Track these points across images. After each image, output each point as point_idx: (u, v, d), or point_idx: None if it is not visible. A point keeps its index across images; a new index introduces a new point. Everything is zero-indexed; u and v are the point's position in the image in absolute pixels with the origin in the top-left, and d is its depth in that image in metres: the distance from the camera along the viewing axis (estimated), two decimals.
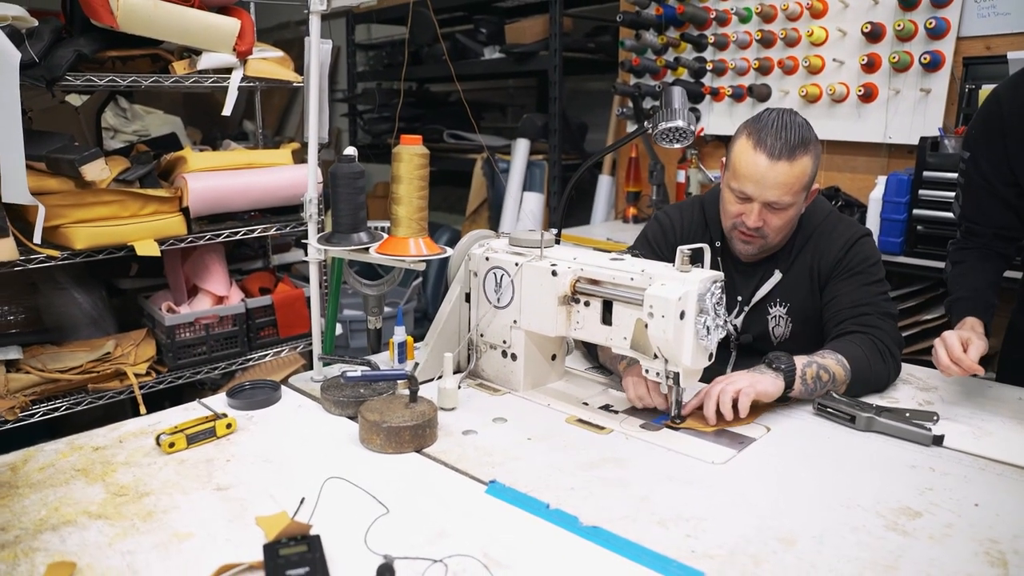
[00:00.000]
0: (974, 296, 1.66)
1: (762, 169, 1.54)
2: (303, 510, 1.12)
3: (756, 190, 1.57)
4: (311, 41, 1.47)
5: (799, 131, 1.55)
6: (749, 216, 1.61)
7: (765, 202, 1.58)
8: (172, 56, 2.48)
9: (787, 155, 1.53)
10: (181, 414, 1.46)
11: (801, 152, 1.54)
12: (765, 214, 1.60)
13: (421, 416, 1.31)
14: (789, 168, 1.54)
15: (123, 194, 2.37)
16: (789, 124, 1.55)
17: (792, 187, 1.56)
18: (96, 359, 2.50)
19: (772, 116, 1.58)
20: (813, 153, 1.57)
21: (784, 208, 1.59)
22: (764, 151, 1.54)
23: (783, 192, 1.56)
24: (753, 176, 1.56)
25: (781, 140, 1.53)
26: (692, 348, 1.31)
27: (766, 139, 1.55)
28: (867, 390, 1.59)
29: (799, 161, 1.54)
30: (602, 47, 3.85)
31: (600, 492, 1.17)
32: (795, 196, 1.58)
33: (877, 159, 2.98)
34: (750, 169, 1.56)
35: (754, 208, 1.60)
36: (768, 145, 1.54)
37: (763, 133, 1.56)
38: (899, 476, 1.24)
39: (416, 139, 1.36)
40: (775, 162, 1.54)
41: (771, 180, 1.55)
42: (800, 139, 1.54)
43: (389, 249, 1.38)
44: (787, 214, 1.61)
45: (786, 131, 1.54)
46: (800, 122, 1.58)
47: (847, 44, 2.92)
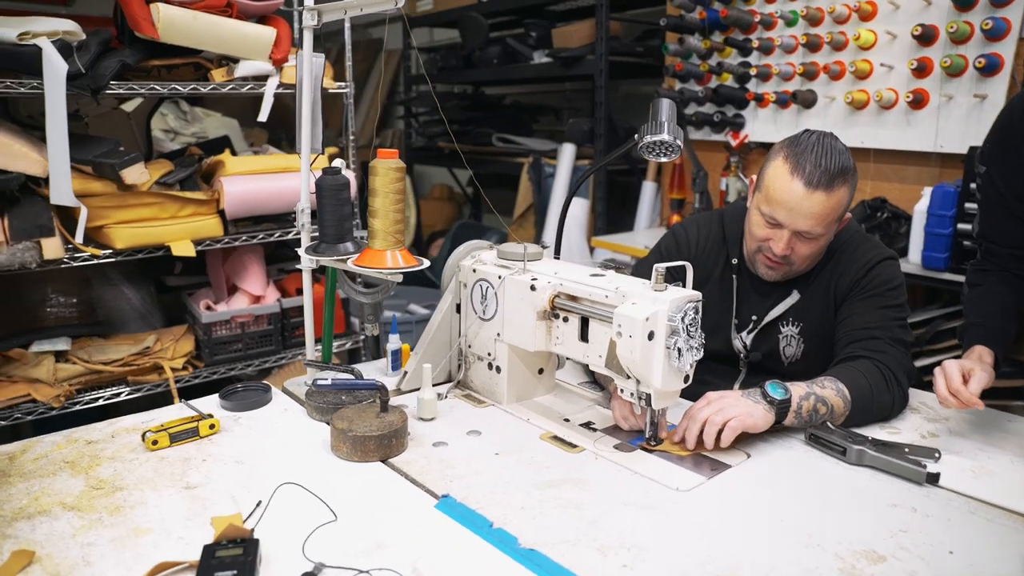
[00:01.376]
0: (985, 323, 1.56)
1: (797, 197, 1.47)
2: (256, 513, 1.15)
3: (788, 218, 1.50)
4: (303, 54, 1.50)
5: (839, 159, 1.47)
6: (777, 243, 1.54)
7: (796, 231, 1.51)
8: (212, 64, 2.58)
9: (825, 185, 1.46)
10: (175, 412, 1.52)
11: (840, 182, 1.47)
12: (794, 242, 1.54)
13: (388, 426, 1.33)
14: (826, 199, 1.47)
15: (162, 196, 2.48)
16: (830, 151, 1.47)
17: (826, 218, 1.49)
18: (137, 352, 2.63)
19: (812, 140, 1.50)
20: (851, 183, 1.50)
21: (815, 238, 1.53)
22: (801, 178, 1.47)
23: (816, 223, 1.49)
24: (787, 203, 1.49)
25: (820, 168, 1.45)
26: (663, 370, 1.28)
27: (804, 165, 1.47)
28: (869, 420, 1.51)
29: (836, 192, 1.47)
30: (651, 51, 3.80)
31: (550, 513, 1.16)
32: (827, 227, 1.51)
33: (927, 169, 2.84)
34: (784, 195, 1.49)
35: (783, 235, 1.53)
36: (806, 172, 1.46)
37: (801, 158, 1.48)
38: (875, 515, 1.18)
39: (392, 153, 1.38)
40: (812, 191, 1.46)
41: (806, 210, 1.48)
42: (840, 168, 1.47)
43: (366, 261, 1.40)
44: (817, 244, 1.55)
45: (826, 158, 1.46)
46: (840, 148, 1.50)
47: (896, 48, 2.79)
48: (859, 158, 3.02)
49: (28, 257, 2.21)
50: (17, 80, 2.19)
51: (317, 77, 1.55)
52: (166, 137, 3.97)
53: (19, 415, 2.32)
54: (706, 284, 1.72)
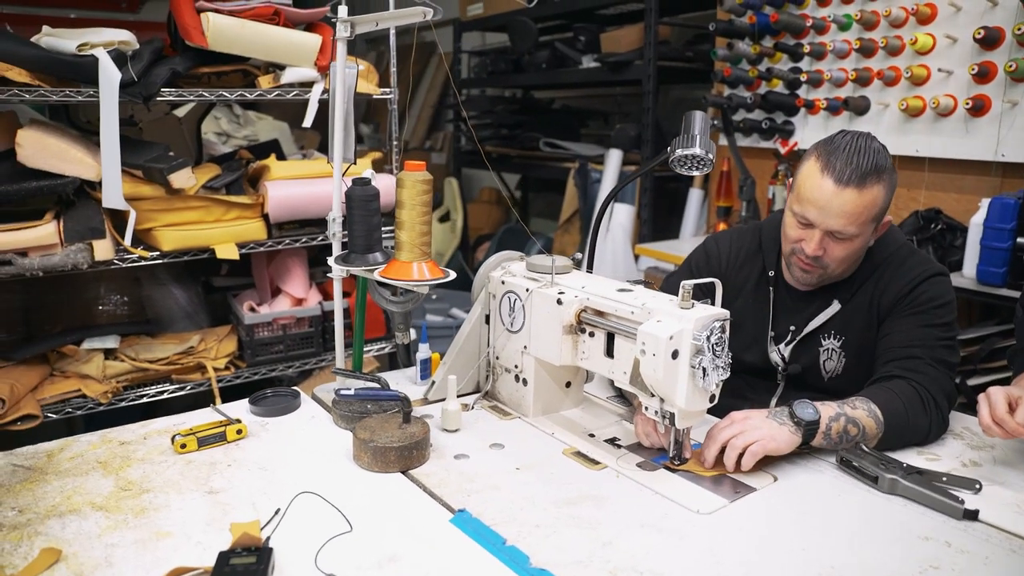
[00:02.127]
0: None
1: (828, 195, 1.44)
2: (274, 521, 1.16)
3: (819, 216, 1.47)
4: (336, 66, 1.52)
5: (873, 157, 1.44)
6: (809, 243, 1.51)
7: (827, 230, 1.48)
8: (259, 71, 2.63)
9: (856, 182, 1.42)
10: (205, 416, 1.55)
11: (873, 180, 1.43)
12: (826, 243, 1.50)
13: (410, 438, 1.33)
14: (858, 196, 1.43)
15: (208, 200, 2.54)
16: (864, 149, 1.44)
17: (859, 217, 1.44)
18: (182, 352, 2.70)
19: (846, 139, 1.47)
20: (887, 182, 1.46)
21: (848, 239, 1.48)
22: (831, 175, 1.44)
23: (848, 222, 1.45)
24: (817, 201, 1.46)
25: (852, 165, 1.42)
26: (687, 389, 1.25)
27: (835, 163, 1.44)
28: (903, 443, 1.45)
29: (869, 190, 1.43)
30: (700, 56, 3.74)
31: (565, 532, 1.14)
32: (861, 227, 1.46)
33: (987, 179, 2.72)
34: (814, 193, 1.46)
35: (815, 235, 1.49)
36: (837, 169, 1.43)
37: (833, 156, 1.45)
38: (904, 548, 1.13)
39: (419, 165, 1.38)
40: (842, 188, 1.43)
41: (836, 207, 1.44)
42: (873, 166, 1.43)
43: (392, 273, 1.41)
44: (851, 245, 1.50)
45: (859, 156, 1.43)
46: (876, 147, 1.46)
47: (956, 52, 2.68)
48: (913, 167, 2.92)
49: (80, 258, 2.29)
50: (75, 88, 2.27)
51: (350, 87, 1.56)
52: (219, 140, 4.07)
53: (70, 409, 2.40)
54: (738, 297, 1.69)
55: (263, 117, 4.21)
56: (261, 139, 3.98)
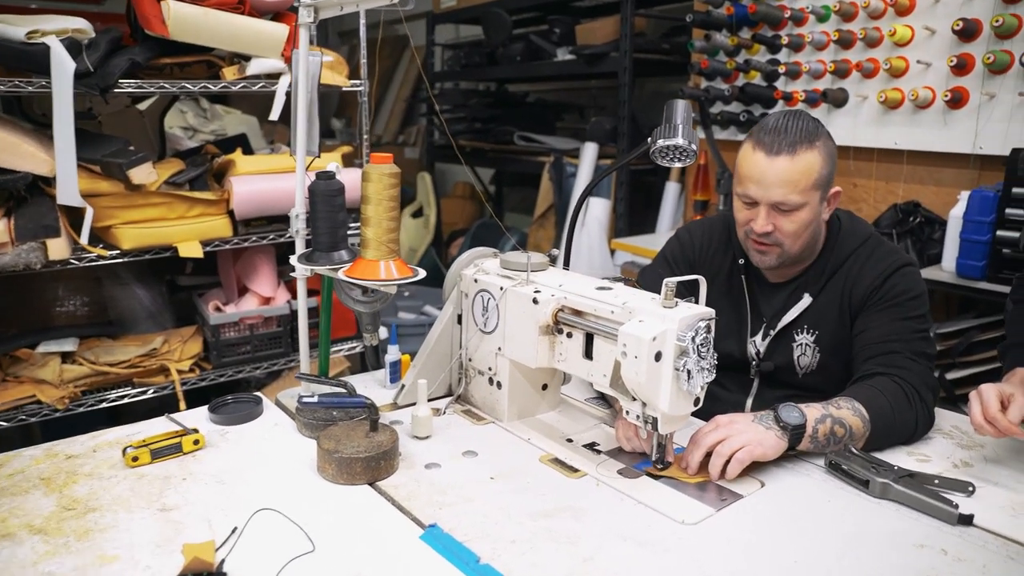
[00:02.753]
0: None
1: (762, 167, 1.45)
2: (230, 541, 1.08)
3: (759, 191, 1.46)
4: (299, 53, 1.43)
5: (803, 126, 1.46)
6: (757, 221, 1.49)
7: (771, 203, 1.47)
8: (223, 62, 2.53)
9: (787, 150, 1.44)
10: (160, 426, 1.46)
11: (804, 147, 1.44)
12: (774, 217, 1.48)
13: (377, 447, 1.25)
14: (791, 163, 1.43)
15: (171, 197, 2.44)
16: (791, 121, 1.46)
17: (797, 184, 1.44)
18: (144, 354, 2.59)
19: (775, 116, 1.50)
20: (821, 149, 1.45)
21: (794, 209, 1.46)
22: (763, 149, 1.45)
23: (788, 190, 1.44)
24: (753, 175, 1.46)
25: (780, 136, 1.44)
26: (671, 393, 1.19)
27: (764, 138, 1.46)
28: (891, 442, 1.41)
29: (802, 156, 1.43)
30: (677, 48, 3.68)
31: (542, 547, 1.07)
32: (803, 195, 1.45)
33: (966, 172, 2.70)
34: (750, 169, 1.47)
35: (761, 211, 1.48)
36: (766, 143, 1.45)
37: (762, 133, 1.47)
38: (899, 557, 1.07)
39: (387, 157, 1.30)
40: (774, 158, 1.44)
41: (772, 177, 1.44)
42: (803, 134, 1.44)
43: (358, 272, 1.33)
44: (799, 217, 1.47)
45: (787, 128, 1.45)
46: (806, 119, 1.47)
47: (935, 44, 2.65)
48: (892, 160, 2.89)
49: (33, 258, 2.17)
50: (26, 79, 2.15)
51: (313, 76, 1.48)
52: (184, 135, 3.95)
53: (24, 417, 2.29)
54: (712, 285, 1.64)
55: (231, 111, 4.09)
56: (229, 134, 3.86)
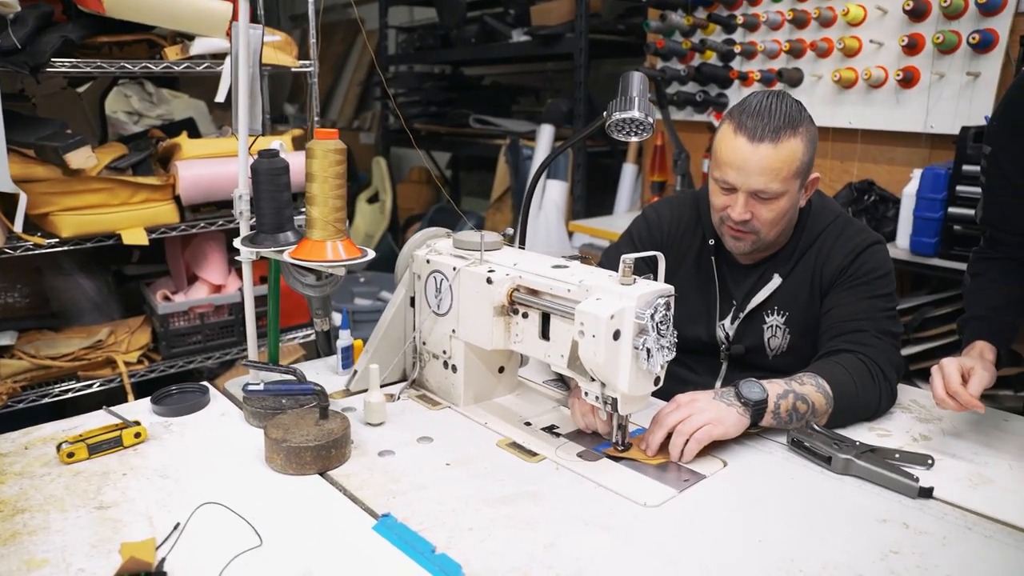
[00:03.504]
0: (988, 316, 1.44)
1: (743, 154, 1.39)
2: (172, 538, 1.03)
3: (739, 178, 1.41)
4: (239, 26, 1.37)
5: (786, 110, 1.39)
6: (735, 208, 1.44)
7: (750, 191, 1.42)
8: (165, 41, 2.42)
9: (771, 136, 1.37)
10: (101, 419, 1.39)
11: (788, 134, 1.38)
12: (752, 205, 1.43)
13: (328, 435, 1.20)
14: (774, 151, 1.37)
15: (112, 182, 2.34)
16: (775, 105, 1.39)
17: (779, 173, 1.39)
18: (89, 346, 2.49)
19: (757, 98, 1.43)
20: (804, 136, 1.40)
21: (773, 198, 1.42)
22: (745, 134, 1.39)
23: (769, 178, 1.39)
24: (734, 162, 1.40)
25: (764, 121, 1.38)
26: (630, 372, 1.16)
27: (747, 122, 1.39)
28: (854, 419, 1.40)
29: (785, 143, 1.38)
30: (633, 29, 3.66)
31: (501, 535, 1.04)
32: (784, 183, 1.40)
33: (917, 150, 2.72)
34: (731, 155, 1.41)
35: (740, 199, 1.43)
36: (749, 128, 1.38)
37: (744, 116, 1.40)
38: (864, 533, 1.06)
39: (331, 133, 1.25)
40: (757, 145, 1.38)
41: (754, 165, 1.38)
42: (786, 119, 1.38)
43: (304, 253, 1.27)
44: (778, 205, 1.43)
45: (770, 112, 1.38)
46: (790, 102, 1.41)
47: (887, 24, 2.66)
48: (846, 139, 2.90)
49: None
50: None
51: (255, 50, 1.41)
52: (129, 119, 3.80)
53: None
54: (681, 267, 1.61)
55: (179, 95, 3.94)
56: (177, 118, 3.73)
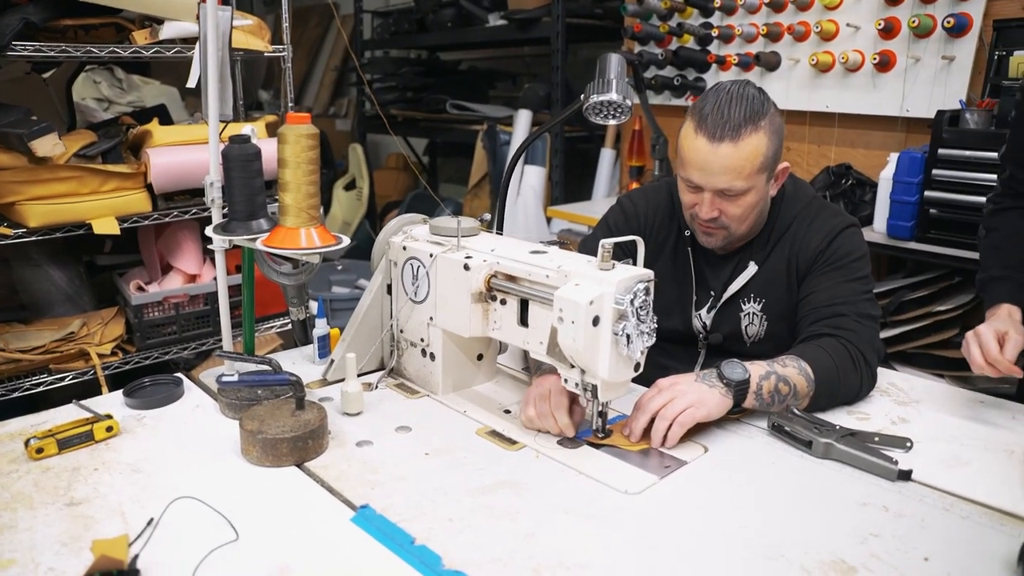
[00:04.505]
0: (1011, 276, 1.41)
1: (704, 154, 1.36)
2: (145, 534, 1.00)
3: (703, 178, 1.39)
4: (207, 8, 1.33)
5: (747, 105, 1.35)
6: (702, 207, 1.43)
7: (715, 190, 1.40)
8: (133, 25, 2.37)
9: (731, 135, 1.34)
10: (72, 413, 1.36)
11: (749, 130, 1.35)
12: (719, 203, 1.42)
13: (304, 426, 1.18)
14: (735, 150, 1.35)
15: (81, 170, 2.29)
16: (735, 99, 1.36)
17: (742, 171, 1.37)
18: (60, 338, 2.44)
19: (717, 92, 1.39)
20: (767, 129, 1.37)
21: (739, 195, 1.40)
22: (705, 134, 1.36)
23: (732, 177, 1.37)
24: (696, 162, 1.39)
25: (723, 119, 1.34)
26: (610, 358, 1.15)
27: (706, 120, 1.36)
28: (835, 403, 1.41)
29: (746, 141, 1.35)
30: (610, 13, 3.64)
31: (481, 525, 1.03)
32: (749, 180, 1.38)
33: (894, 134, 2.73)
34: (693, 155, 1.39)
35: (706, 198, 1.42)
36: (708, 126, 1.35)
37: (704, 113, 1.37)
38: (845, 517, 1.06)
39: (304, 117, 1.22)
40: (717, 145, 1.35)
41: (716, 165, 1.36)
42: (747, 115, 1.35)
43: (277, 241, 1.24)
44: (745, 201, 1.42)
45: (729, 108, 1.35)
46: (751, 94, 1.37)
47: (863, 7, 2.66)
48: (824, 123, 2.91)
49: None
50: None
51: (224, 32, 1.37)
52: (99, 107, 3.73)
53: None
54: (658, 259, 1.60)
55: (150, 81, 3.87)
56: (148, 105, 3.66)
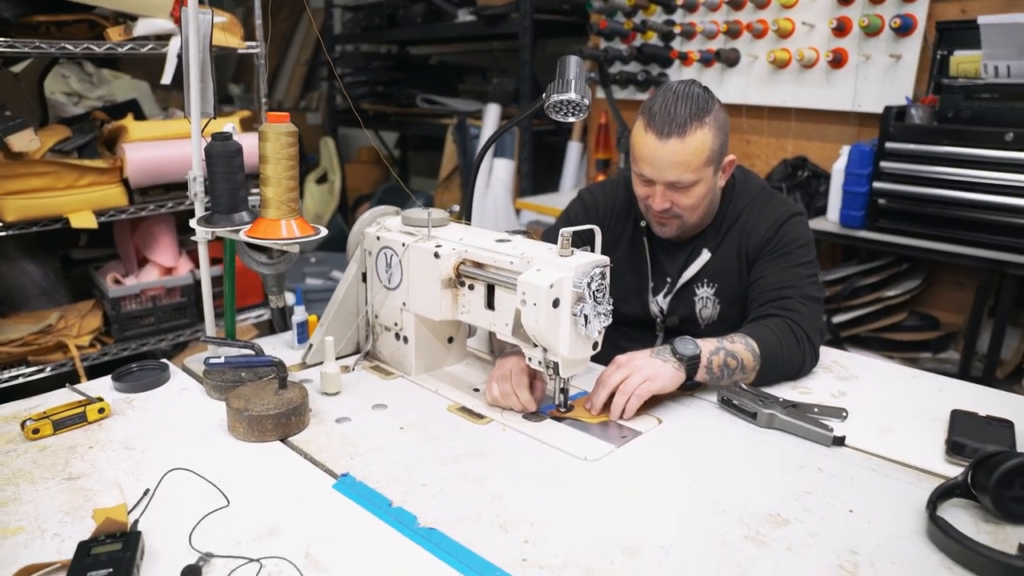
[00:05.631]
0: None
1: (653, 150, 1.48)
2: (143, 503, 1.09)
3: (653, 172, 1.51)
4: (189, 11, 1.40)
5: (692, 104, 1.46)
6: (655, 199, 1.54)
7: (665, 183, 1.51)
8: (107, 22, 2.41)
9: (677, 132, 1.46)
10: (63, 397, 1.43)
11: (695, 126, 1.46)
12: (670, 195, 1.53)
13: (287, 404, 1.27)
14: (681, 145, 1.46)
15: (58, 165, 2.33)
16: (682, 97, 1.47)
17: (689, 164, 1.48)
18: (38, 331, 2.49)
19: (664, 91, 1.51)
20: (711, 124, 1.48)
21: (689, 186, 1.51)
22: (653, 131, 1.48)
23: (681, 171, 1.48)
24: (646, 158, 1.50)
25: (669, 116, 1.46)
26: (570, 338, 1.25)
27: (654, 118, 1.48)
28: (780, 378, 1.52)
29: (692, 136, 1.46)
30: (576, 9, 3.73)
31: (452, 489, 1.12)
32: (697, 173, 1.49)
33: (847, 128, 2.87)
34: (643, 151, 1.50)
35: (657, 190, 1.53)
36: (656, 124, 1.47)
37: (652, 112, 1.49)
38: (782, 478, 1.18)
39: (283, 116, 1.30)
40: (665, 141, 1.46)
41: (665, 160, 1.48)
42: (692, 112, 1.46)
43: (260, 232, 1.32)
44: (696, 191, 1.53)
45: (676, 106, 1.46)
46: (696, 93, 1.48)
47: (817, 6, 2.79)
48: (781, 117, 3.04)
49: None
50: None
51: (205, 35, 1.44)
52: (69, 101, 3.73)
53: None
54: (616, 248, 1.71)
55: (119, 76, 3.89)
56: (118, 99, 3.68)
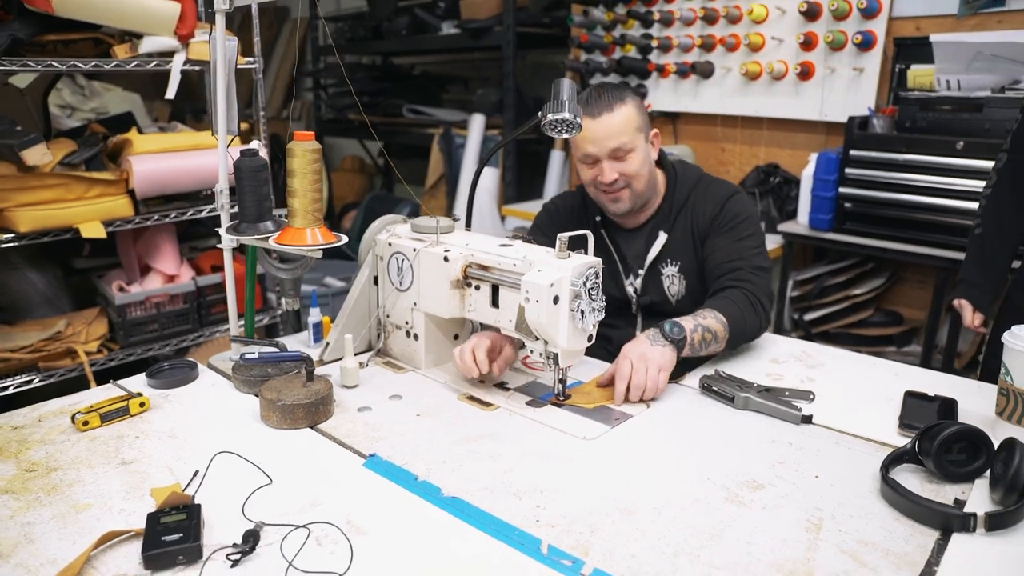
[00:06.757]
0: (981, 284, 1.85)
1: (591, 129, 1.73)
2: (195, 482, 1.22)
3: (595, 147, 1.74)
4: (216, 37, 1.53)
5: (612, 90, 1.75)
6: (604, 173, 1.76)
7: (608, 152, 1.74)
8: (113, 40, 2.52)
9: (607, 109, 1.72)
10: (101, 393, 1.55)
11: (617, 103, 1.73)
12: (616, 166, 1.76)
13: (315, 394, 1.41)
14: (611, 116, 1.72)
15: (67, 177, 2.44)
16: (604, 88, 1.76)
17: (624, 130, 1.73)
18: (47, 338, 2.59)
19: (590, 88, 1.78)
20: (632, 103, 1.76)
21: (629, 151, 1.75)
22: (588, 116, 1.72)
23: (618, 136, 1.73)
24: (587, 138, 1.74)
25: (597, 101, 1.73)
26: (568, 331, 1.40)
27: (587, 106, 1.73)
28: (743, 340, 1.75)
29: (619, 110, 1.73)
30: (557, 22, 3.89)
31: (469, 465, 1.27)
32: (632, 137, 1.74)
33: (815, 136, 3.06)
34: (583, 135, 1.73)
35: (603, 164, 1.76)
36: (589, 109, 1.73)
37: (584, 104, 1.74)
38: (757, 451, 1.34)
39: (308, 135, 1.44)
40: (599, 118, 1.72)
41: (602, 132, 1.73)
42: (613, 95, 1.74)
43: (287, 239, 1.46)
44: (635, 157, 1.76)
45: (601, 94, 1.74)
46: (612, 84, 1.79)
47: (786, 22, 2.98)
48: (754, 126, 3.22)
49: None
50: None
51: (231, 61, 1.58)
52: (62, 113, 3.83)
53: None
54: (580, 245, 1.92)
55: (111, 88, 3.98)
56: (111, 111, 3.78)
